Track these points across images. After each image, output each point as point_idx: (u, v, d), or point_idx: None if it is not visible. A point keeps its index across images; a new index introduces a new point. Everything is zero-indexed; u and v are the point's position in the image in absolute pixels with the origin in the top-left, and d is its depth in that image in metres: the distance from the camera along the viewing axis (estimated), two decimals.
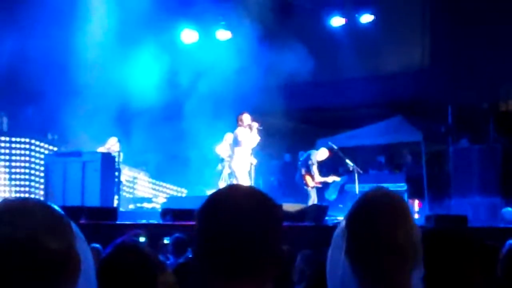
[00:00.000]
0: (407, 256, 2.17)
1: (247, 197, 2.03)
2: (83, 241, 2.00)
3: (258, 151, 16.75)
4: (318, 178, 16.99)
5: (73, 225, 1.94)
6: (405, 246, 2.16)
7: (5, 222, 1.80)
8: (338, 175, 18.97)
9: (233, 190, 2.11)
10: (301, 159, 17.68)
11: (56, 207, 1.91)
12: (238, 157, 15.33)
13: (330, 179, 17.49)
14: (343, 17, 20.65)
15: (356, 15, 20.46)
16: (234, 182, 15.24)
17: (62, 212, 1.91)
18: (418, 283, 2.19)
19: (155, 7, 18.09)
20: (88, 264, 2.00)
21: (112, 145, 16.28)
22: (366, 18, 20.40)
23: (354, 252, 2.23)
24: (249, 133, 15.39)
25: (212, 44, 20.50)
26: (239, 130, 15.39)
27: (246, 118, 15.50)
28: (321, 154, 17.25)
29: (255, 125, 15.49)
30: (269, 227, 2.01)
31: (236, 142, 15.38)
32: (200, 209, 2.05)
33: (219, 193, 2.08)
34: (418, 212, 17.54)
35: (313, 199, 16.74)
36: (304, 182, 17.01)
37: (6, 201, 1.90)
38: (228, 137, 16.25)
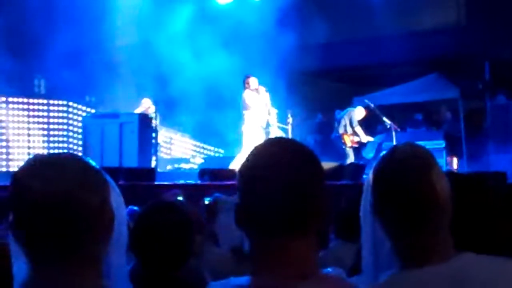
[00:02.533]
0: (434, 209, 2.16)
1: (288, 151, 2.00)
2: (118, 195, 1.99)
3: (296, 111, 16.75)
4: (363, 138, 16.92)
5: (109, 178, 1.94)
6: (431, 199, 2.15)
7: (39, 177, 1.81)
8: (376, 133, 18.88)
9: (273, 144, 2.07)
10: (337, 117, 17.60)
11: (91, 161, 1.91)
12: (246, 120, 15.23)
13: (365, 139, 17.39)
14: None
15: None
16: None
17: (97, 166, 1.91)
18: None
19: None
20: (122, 219, 2.00)
21: (148, 107, 16.35)
22: None
23: (380, 207, 2.23)
24: (256, 96, 15.29)
25: (247, 4, 20.38)
26: (246, 93, 15.31)
27: (253, 81, 15.42)
28: (358, 113, 17.14)
29: (262, 88, 15.41)
30: (312, 181, 1.98)
31: (244, 106, 15.30)
32: (241, 165, 2.03)
33: (259, 148, 2.05)
34: (457, 169, 17.42)
35: (351, 159, 16.68)
36: (342, 141, 16.93)
37: (39, 156, 1.90)
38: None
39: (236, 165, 14.82)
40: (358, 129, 16.87)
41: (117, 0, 18.11)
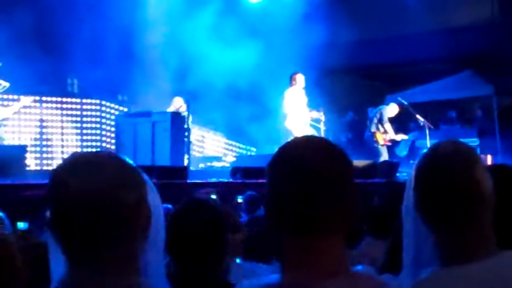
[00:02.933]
0: (478, 206, 2.14)
1: (317, 148, 1.98)
2: (155, 193, 2.00)
3: (328, 109, 16.71)
4: (392, 136, 16.73)
5: (146, 177, 1.94)
6: (475, 196, 2.14)
7: (77, 174, 1.81)
8: (409, 131, 18.80)
9: (302, 141, 2.05)
10: (370, 115, 17.51)
11: (128, 159, 1.91)
12: (291, 116, 15.20)
13: (399, 137, 17.23)
14: None
15: None
16: None
17: (134, 164, 1.91)
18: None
19: None
20: (158, 216, 2.00)
21: (179, 106, 16.37)
22: None
23: (423, 203, 2.21)
24: (301, 93, 15.25)
25: (278, 2, 20.37)
26: (291, 90, 15.28)
27: (300, 78, 15.37)
28: (391, 110, 17.00)
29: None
30: (342, 179, 1.96)
31: (287, 102, 15.24)
32: (270, 162, 2.01)
33: (289, 145, 2.03)
34: None
35: (384, 157, 16.56)
36: (375, 139, 16.79)
37: (77, 154, 1.90)
38: None
39: None
40: (388, 126, 16.72)
41: None
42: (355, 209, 1.99)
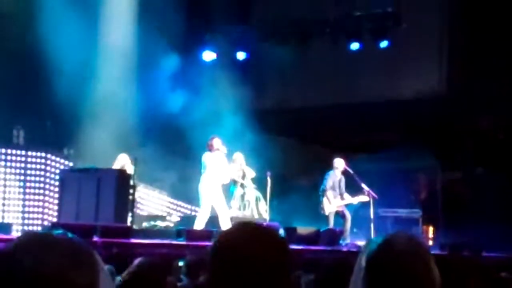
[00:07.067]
0: None
1: (254, 237, 2.01)
2: (107, 273, 1.97)
3: (274, 173, 16.76)
4: (335, 202, 16.63)
5: (99, 259, 1.92)
6: None
7: (30, 256, 1.78)
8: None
9: (240, 230, 2.08)
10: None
11: (80, 241, 1.89)
12: (204, 181, 15.24)
13: (356, 200, 17.11)
14: (361, 42, 20.64)
15: (374, 41, 20.44)
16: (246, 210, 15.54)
17: (87, 245, 1.89)
18: None
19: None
20: None
21: (124, 163, 16.31)
22: (384, 43, 20.38)
23: None
24: (217, 158, 15.28)
25: (230, 62, 20.54)
26: (206, 155, 15.31)
27: (216, 142, 15.43)
28: (337, 164, 16.88)
29: (224, 149, 15.40)
30: (278, 266, 1.98)
31: (203, 166, 15.29)
32: (210, 252, 2.04)
33: (226, 235, 2.06)
34: (432, 239, 17.45)
35: (331, 224, 16.48)
36: (321, 207, 16.68)
37: (30, 234, 1.87)
38: (237, 157, 16.24)
39: (199, 225, 14.78)
40: (329, 194, 16.60)
41: (98, 53, 18.19)
42: None
